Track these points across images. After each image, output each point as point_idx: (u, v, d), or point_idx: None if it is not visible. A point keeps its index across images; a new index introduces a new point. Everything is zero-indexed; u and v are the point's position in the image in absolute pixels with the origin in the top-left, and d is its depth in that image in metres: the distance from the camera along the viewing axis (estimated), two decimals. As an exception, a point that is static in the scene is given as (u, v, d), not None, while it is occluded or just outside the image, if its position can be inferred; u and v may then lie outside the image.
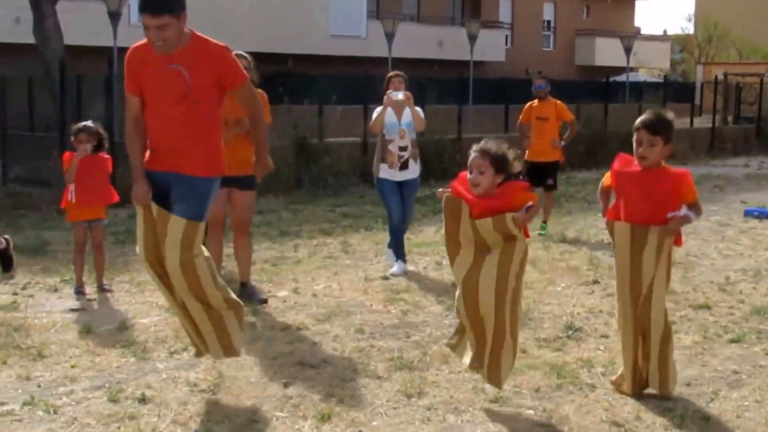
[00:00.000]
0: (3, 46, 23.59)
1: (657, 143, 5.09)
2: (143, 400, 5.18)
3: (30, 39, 17.67)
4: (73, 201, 7.81)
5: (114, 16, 19.96)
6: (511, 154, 5.02)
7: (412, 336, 6.61)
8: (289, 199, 14.90)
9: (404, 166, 8.79)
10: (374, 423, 4.76)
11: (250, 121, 5.85)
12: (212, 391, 5.35)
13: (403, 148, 8.76)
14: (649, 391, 5.36)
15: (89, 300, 7.69)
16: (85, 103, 16.07)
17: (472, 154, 4.99)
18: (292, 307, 7.43)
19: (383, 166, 8.80)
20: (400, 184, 8.83)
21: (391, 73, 9.00)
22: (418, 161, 8.97)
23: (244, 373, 5.69)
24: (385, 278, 8.57)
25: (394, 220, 8.94)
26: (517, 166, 5.08)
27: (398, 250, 8.97)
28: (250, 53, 7.96)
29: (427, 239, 10.85)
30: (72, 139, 7.86)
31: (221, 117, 7.31)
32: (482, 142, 5.03)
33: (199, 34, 5.18)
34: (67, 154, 7.91)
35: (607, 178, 5.40)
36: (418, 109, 8.94)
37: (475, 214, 4.93)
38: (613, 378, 5.49)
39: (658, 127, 5.09)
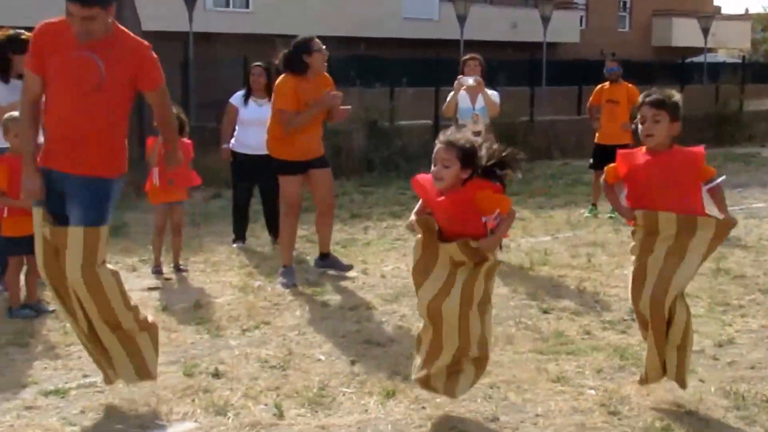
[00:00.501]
0: (83, 32, 24.16)
1: (661, 118, 4.80)
2: (216, 374, 5.39)
3: (109, 25, 18.10)
4: (157, 184, 8.06)
5: (190, 2, 20.31)
6: (487, 148, 4.58)
7: (478, 317, 6.71)
8: (359, 182, 15.08)
9: None
10: (437, 400, 4.88)
11: (159, 130, 5.50)
12: (282, 367, 5.54)
13: (476, 134, 8.65)
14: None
15: (166, 279, 7.95)
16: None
17: (438, 145, 4.60)
18: (360, 287, 7.60)
19: None
20: None
21: (466, 56, 8.97)
22: None
23: (313, 351, 5.87)
24: (453, 260, 8.66)
25: None
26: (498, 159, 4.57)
27: None
28: (324, 37, 8.14)
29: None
30: (155, 124, 8.09)
31: (293, 102, 7.57)
32: (449, 132, 4.64)
33: (123, 28, 4.88)
34: (150, 139, 8.16)
35: (609, 175, 5.06)
36: (493, 92, 8.87)
37: (435, 215, 4.62)
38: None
39: (663, 102, 4.83)
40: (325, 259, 8.11)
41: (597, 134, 11.69)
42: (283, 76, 7.74)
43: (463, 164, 4.53)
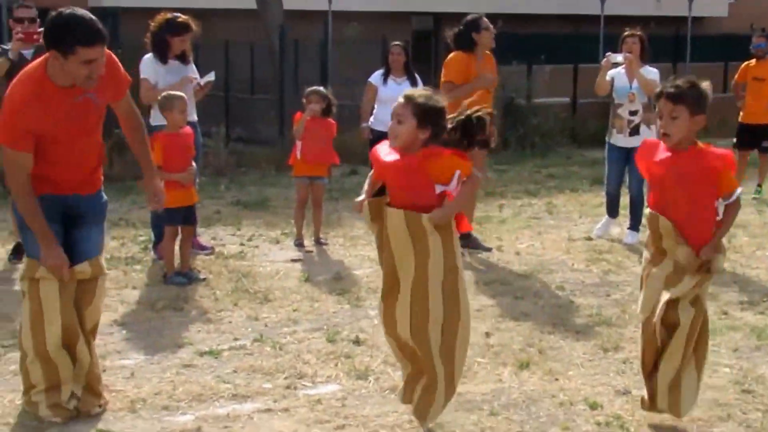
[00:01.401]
0: (227, 12, 24.90)
1: (680, 114, 4.21)
2: (357, 342, 5.67)
3: (252, 5, 18.63)
4: (299, 158, 8.42)
5: (330, -19, 20.66)
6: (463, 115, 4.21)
7: (613, 294, 6.81)
8: (495, 160, 15.14)
9: (635, 131, 8.37)
10: (570, 373, 5.04)
11: (132, 134, 4.87)
12: (420, 337, 5.78)
13: (633, 113, 8.41)
14: None
15: (307, 252, 8.29)
16: (302, 67, 16.88)
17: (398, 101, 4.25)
18: (495, 263, 7.77)
19: (613, 131, 8.58)
20: (630, 151, 8.13)
21: (626, 32, 8.63)
22: (653, 127, 8.16)
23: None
24: (589, 239, 8.74)
25: (609, 188, 8.87)
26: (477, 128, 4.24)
27: (611, 211, 8.89)
28: (461, 14, 8.33)
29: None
30: (304, 100, 8.47)
31: (462, 76, 7.76)
32: (413, 89, 4.35)
33: None
34: (297, 114, 8.53)
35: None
36: (651, 70, 8.54)
37: (385, 179, 4.32)
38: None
39: (681, 95, 4.22)
40: (467, 238, 8.24)
41: (741, 113, 11.47)
42: (454, 53, 8.13)
43: (420, 122, 4.15)
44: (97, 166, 4.68)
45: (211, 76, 7.98)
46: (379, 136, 9.68)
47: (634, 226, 8.63)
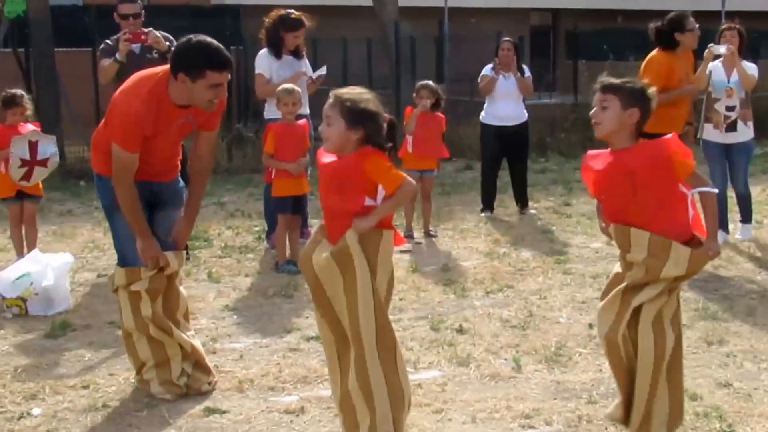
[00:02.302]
0: (344, 9, 25.24)
1: (610, 104, 3.92)
2: (460, 330, 5.77)
3: (368, 2, 18.88)
4: (410, 152, 8.56)
5: (446, -22, 20.75)
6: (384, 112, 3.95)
7: (721, 290, 6.72)
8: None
9: (731, 127, 8.07)
10: (671, 364, 5.03)
11: (198, 173, 4.97)
12: (522, 327, 5.85)
13: (730, 108, 8.09)
14: None
15: (417, 243, 8.42)
16: (418, 62, 17.03)
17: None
18: (604, 257, 7.74)
19: (707, 127, 8.22)
20: (728, 147, 8.12)
21: (724, 26, 8.54)
22: (750, 123, 8.14)
23: (554, 314, 6.13)
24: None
25: (717, 185, 8.58)
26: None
27: (722, 218, 8.28)
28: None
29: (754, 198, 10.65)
30: (414, 95, 8.60)
31: (663, 79, 7.48)
32: (341, 89, 4.02)
33: None
34: (408, 108, 8.68)
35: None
36: (749, 65, 8.34)
37: (322, 179, 4.04)
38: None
39: (614, 85, 3.95)
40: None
41: None
42: (655, 52, 7.86)
43: (349, 123, 3.87)
44: (177, 161, 4.98)
45: (322, 71, 8.17)
46: (490, 130, 9.76)
47: (746, 219, 8.41)
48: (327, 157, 4.02)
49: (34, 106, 7.74)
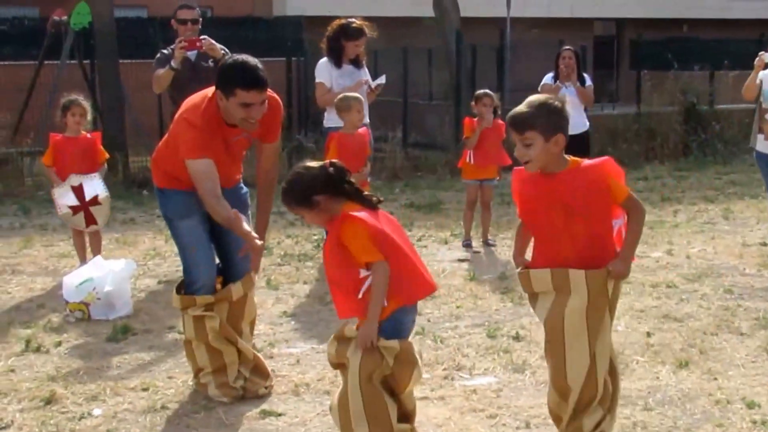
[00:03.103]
0: (406, 20, 25.32)
1: (532, 140, 3.68)
2: (517, 338, 5.75)
3: (430, 13, 18.92)
4: (471, 162, 8.53)
5: (507, -12, 20.70)
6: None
7: (783, 299, 6.62)
8: (674, 166, 14.85)
9: None
10: (730, 373, 4.96)
11: (265, 185, 5.06)
12: (579, 335, 5.80)
13: None
14: None
15: (475, 252, 8.41)
16: (479, 72, 17.02)
17: None
18: (664, 266, 7.65)
19: (760, 137, 7.95)
20: None
21: None
22: None
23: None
24: (764, 244, 8.48)
25: None
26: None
27: None
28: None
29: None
30: (473, 103, 8.56)
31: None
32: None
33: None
34: (467, 120, 8.64)
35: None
36: None
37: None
38: None
39: (526, 121, 3.68)
40: None
41: None
42: None
43: (306, 205, 3.87)
44: (238, 168, 5.00)
45: (382, 79, 8.20)
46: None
47: None
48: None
49: (98, 116, 7.89)
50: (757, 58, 8.04)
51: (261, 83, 4.43)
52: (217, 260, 4.96)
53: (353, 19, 8.03)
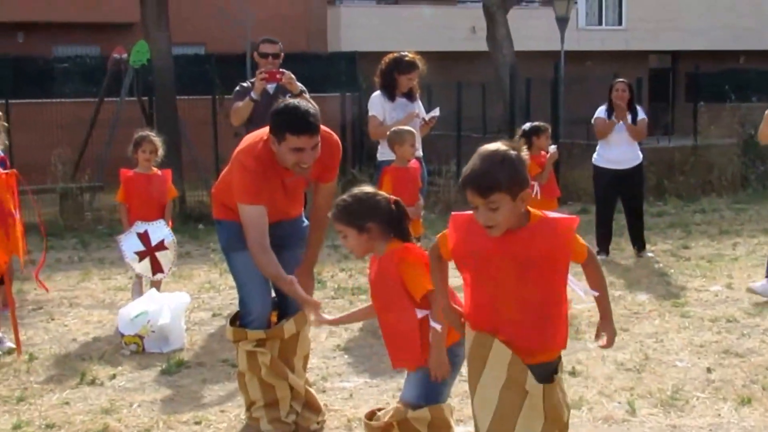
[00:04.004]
0: (459, 54, 25.39)
1: (499, 203, 3.17)
2: (573, 373, 5.65)
3: (483, 47, 18.96)
4: (537, 197, 8.42)
5: (562, 21, 20.73)
6: (386, 200, 3.83)
7: None
8: (733, 199, 14.62)
9: None
10: (795, 410, 4.83)
11: (317, 225, 4.96)
12: (637, 370, 5.69)
13: None
14: None
15: (530, 286, 8.30)
16: (533, 106, 16.96)
17: None
18: (723, 300, 7.50)
19: None
20: None
21: None
22: None
23: (669, 357, 5.95)
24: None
25: None
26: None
27: None
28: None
29: None
30: (534, 137, 8.41)
31: None
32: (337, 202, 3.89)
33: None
34: (533, 157, 8.47)
35: (441, 244, 3.50)
36: None
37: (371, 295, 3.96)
38: None
39: (491, 182, 3.16)
40: None
41: None
42: None
43: (358, 227, 3.80)
44: (299, 203, 4.99)
45: (435, 112, 8.18)
46: (603, 173, 9.60)
47: None
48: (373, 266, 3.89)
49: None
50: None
51: (311, 129, 4.39)
52: (274, 293, 4.95)
53: (406, 53, 8.04)
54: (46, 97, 18.84)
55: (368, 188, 3.97)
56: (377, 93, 8.06)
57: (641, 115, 9.43)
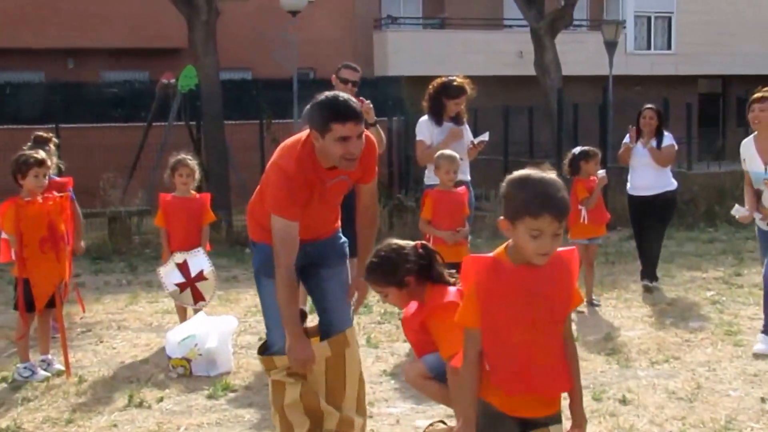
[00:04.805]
0: (508, 78, 25.34)
1: (561, 229, 3.06)
2: (624, 401, 5.56)
3: (530, 71, 18.89)
4: (585, 222, 8.35)
5: (610, 45, 20.62)
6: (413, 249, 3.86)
7: None
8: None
9: None
10: None
11: (364, 225, 4.81)
12: (689, 399, 5.59)
13: None
14: None
15: (579, 312, 8.21)
16: (581, 130, 16.86)
17: None
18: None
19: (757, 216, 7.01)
20: None
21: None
22: None
23: (723, 386, 5.83)
24: None
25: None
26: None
27: None
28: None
29: None
30: (582, 162, 8.32)
31: None
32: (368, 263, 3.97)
33: None
34: (578, 181, 8.36)
35: (468, 337, 3.21)
36: None
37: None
38: None
39: (568, 206, 3.08)
40: None
41: None
42: None
43: (397, 285, 3.89)
44: (335, 218, 4.76)
45: (485, 136, 8.14)
46: (629, 199, 9.41)
47: None
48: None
49: (203, 176, 7.95)
50: None
51: (356, 115, 4.25)
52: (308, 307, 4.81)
53: (455, 77, 8.02)
54: (95, 121, 19.14)
55: (392, 242, 4.00)
56: (424, 118, 8.05)
57: (668, 141, 9.01)
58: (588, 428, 4.99)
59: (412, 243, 3.94)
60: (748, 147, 6.85)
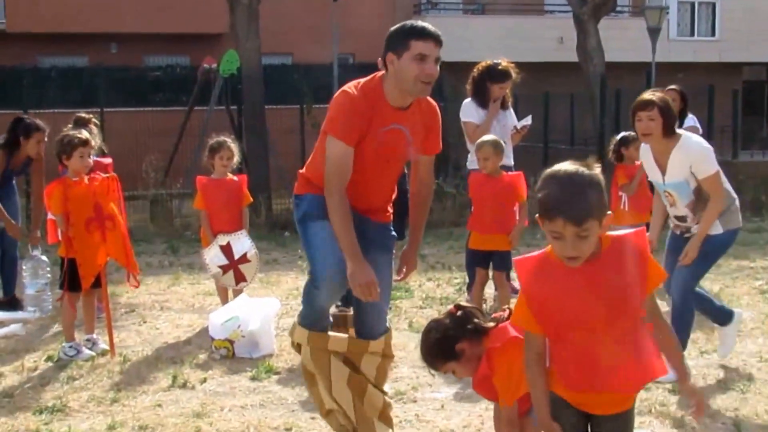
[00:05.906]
0: (548, 65, 25.11)
1: (590, 230, 2.88)
2: (673, 390, 5.43)
3: (573, 57, 18.69)
4: (626, 209, 8.18)
5: (653, 32, 20.36)
6: (452, 326, 3.84)
7: None
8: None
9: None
10: None
11: (418, 202, 4.70)
12: (742, 390, 5.50)
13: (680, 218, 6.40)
14: None
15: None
16: (623, 118, 16.67)
17: None
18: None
19: None
20: None
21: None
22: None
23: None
24: None
25: None
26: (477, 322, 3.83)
27: None
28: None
29: None
30: (622, 149, 8.17)
31: None
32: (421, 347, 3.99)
33: None
34: (620, 166, 8.21)
35: (529, 339, 3.17)
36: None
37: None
38: None
39: (587, 208, 2.88)
40: None
41: None
42: None
43: (454, 359, 3.86)
44: (388, 200, 4.60)
45: (527, 120, 8.04)
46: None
47: None
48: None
49: (243, 160, 7.92)
50: None
51: (436, 35, 4.14)
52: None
53: (499, 61, 7.92)
54: (137, 105, 19.22)
55: (429, 323, 4.00)
56: (468, 100, 7.95)
57: (690, 123, 8.65)
58: (638, 417, 4.95)
59: (446, 311, 3.97)
60: (645, 153, 5.89)
